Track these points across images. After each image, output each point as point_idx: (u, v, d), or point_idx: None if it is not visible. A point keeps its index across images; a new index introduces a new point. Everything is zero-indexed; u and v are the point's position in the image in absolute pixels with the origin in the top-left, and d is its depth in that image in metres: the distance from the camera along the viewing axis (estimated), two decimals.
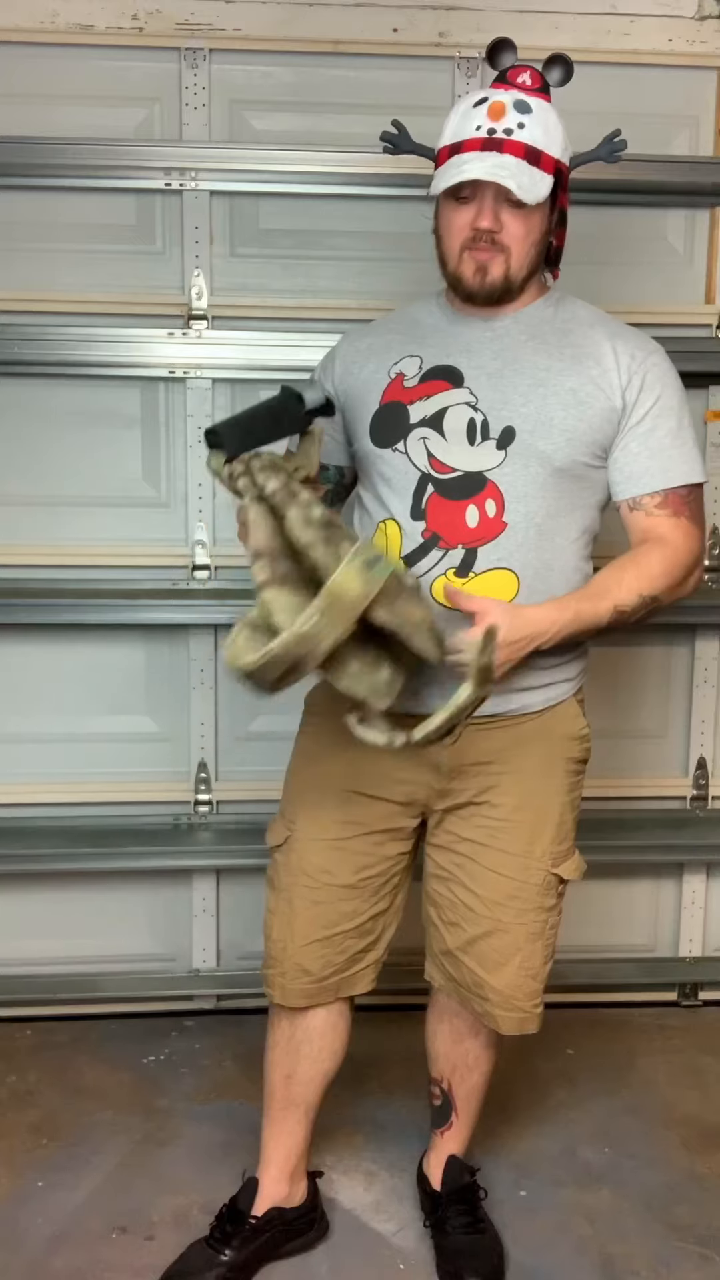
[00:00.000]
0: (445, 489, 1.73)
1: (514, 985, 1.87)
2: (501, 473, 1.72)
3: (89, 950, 2.74)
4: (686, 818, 2.82)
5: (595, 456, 1.76)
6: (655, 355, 1.80)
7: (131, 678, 2.69)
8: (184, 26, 2.50)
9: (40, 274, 2.54)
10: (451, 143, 1.72)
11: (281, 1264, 1.99)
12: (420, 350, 1.80)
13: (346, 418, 1.85)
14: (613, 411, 1.75)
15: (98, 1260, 1.99)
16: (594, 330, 1.80)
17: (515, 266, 1.73)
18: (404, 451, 1.76)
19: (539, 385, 1.74)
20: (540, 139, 1.70)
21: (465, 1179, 2.05)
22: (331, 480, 1.90)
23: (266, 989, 1.93)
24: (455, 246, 1.73)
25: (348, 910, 1.86)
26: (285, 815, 1.91)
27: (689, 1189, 2.20)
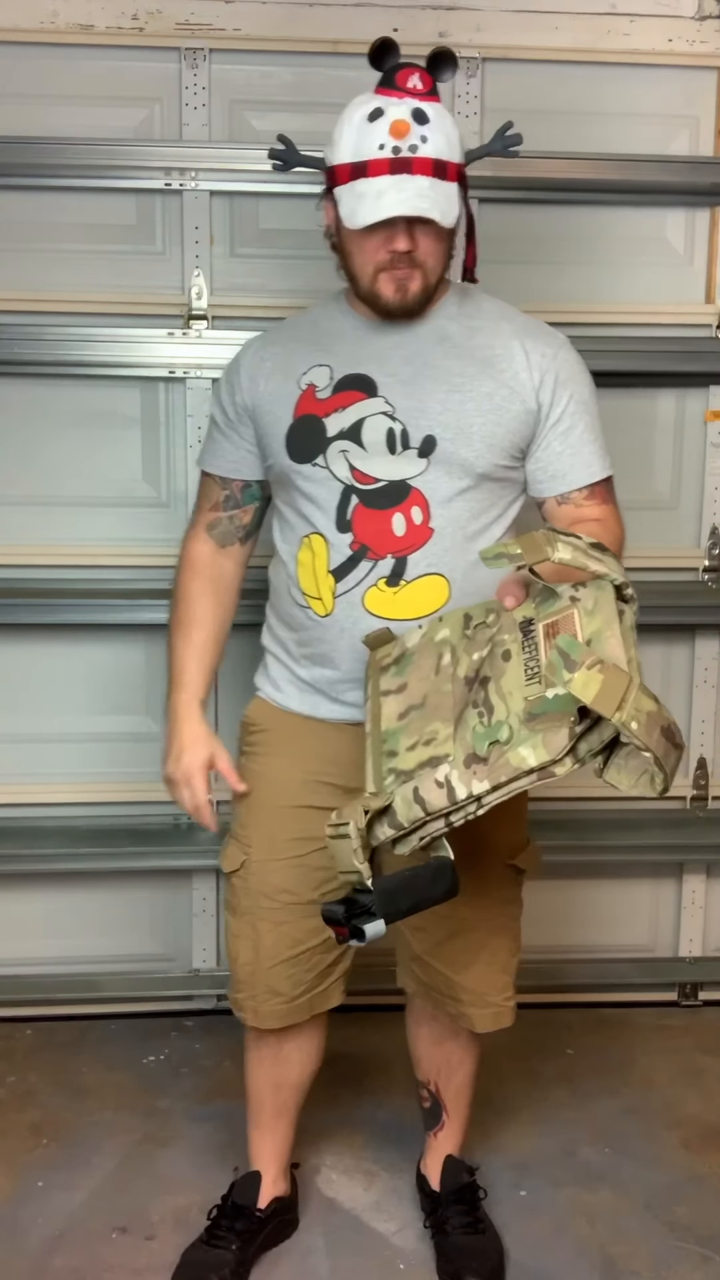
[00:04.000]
0: (370, 499, 1.73)
1: (484, 981, 1.87)
2: (424, 480, 1.72)
3: (89, 950, 2.74)
4: (686, 818, 2.81)
5: (513, 458, 1.77)
6: (564, 350, 1.80)
7: (131, 678, 2.68)
8: (184, 26, 2.50)
9: (40, 274, 2.54)
10: (353, 162, 1.66)
11: (282, 1264, 1.99)
12: (328, 359, 1.77)
13: (258, 431, 1.82)
14: (528, 413, 1.75)
15: (98, 1260, 1.99)
16: (501, 328, 1.79)
17: (431, 279, 1.72)
18: (324, 466, 1.74)
19: (455, 392, 1.73)
20: (444, 149, 1.66)
21: (464, 1179, 2.05)
22: (256, 497, 1.89)
23: (238, 1013, 1.92)
24: (369, 265, 1.70)
25: (312, 927, 1.82)
26: (239, 839, 1.89)
27: (689, 1189, 2.20)
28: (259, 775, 1.87)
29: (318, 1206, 2.13)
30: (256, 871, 1.85)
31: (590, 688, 1.32)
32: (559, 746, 1.38)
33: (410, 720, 1.55)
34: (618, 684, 1.33)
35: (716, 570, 2.73)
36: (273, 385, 1.80)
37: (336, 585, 1.74)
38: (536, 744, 1.38)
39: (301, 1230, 2.07)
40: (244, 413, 1.83)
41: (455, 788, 1.43)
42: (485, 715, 1.45)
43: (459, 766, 1.44)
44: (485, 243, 2.57)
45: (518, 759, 1.39)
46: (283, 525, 1.84)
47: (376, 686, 1.64)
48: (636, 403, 2.69)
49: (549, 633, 1.46)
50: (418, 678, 1.59)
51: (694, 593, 2.73)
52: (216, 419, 1.88)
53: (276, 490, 1.85)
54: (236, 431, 1.85)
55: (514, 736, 1.41)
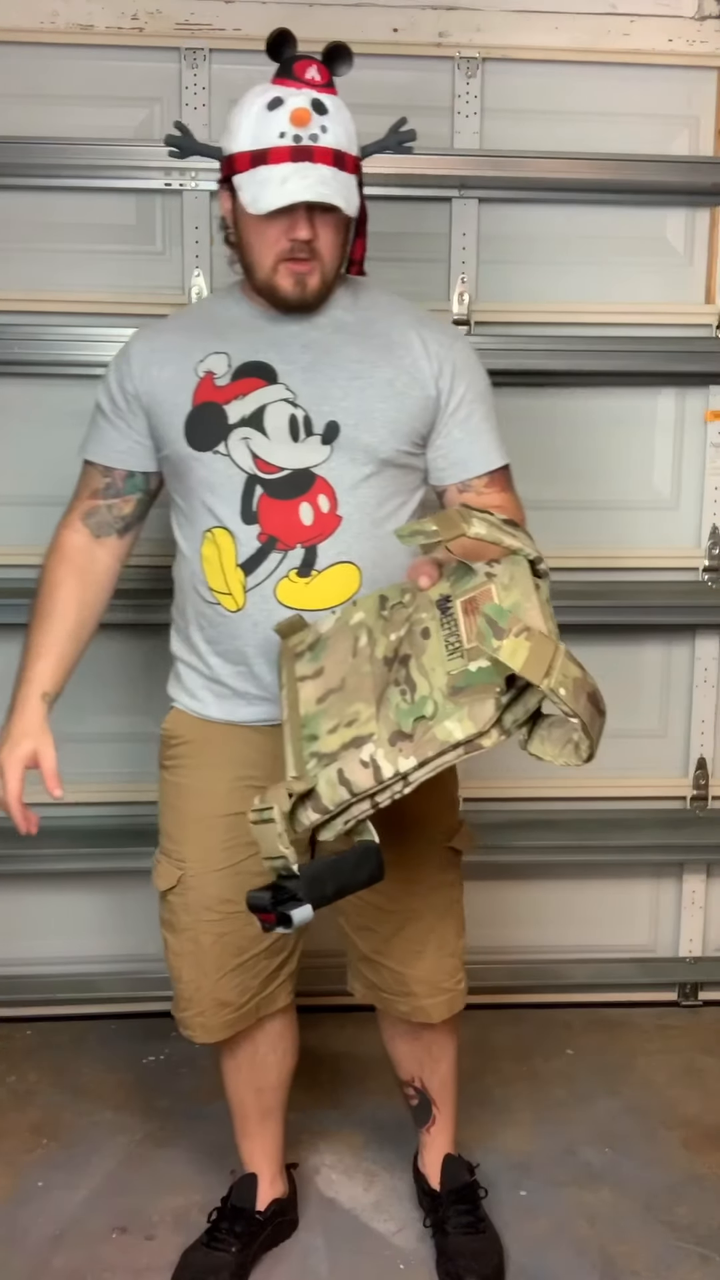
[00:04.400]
0: (274, 489, 1.71)
1: (435, 968, 1.87)
2: (329, 467, 1.71)
3: (89, 950, 2.74)
4: (686, 818, 2.81)
5: (414, 445, 1.77)
6: (460, 341, 1.82)
7: (131, 678, 2.68)
8: (184, 26, 2.50)
9: (40, 274, 2.54)
10: (253, 149, 1.66)
11: (282, 1264, 1.99)
12: (225, 347, 1.75)
13: (152, 421, 1.78)
14: (428, 400, 1.75)
15: (98, 1260, 1.99)
16: (397, 318, 1.79)
17: (328, 272, 1.71)
18: (226, 454, 1.72)
19: (356, 378, 1.72)
20: (343, 140, 1.67)
21: (465, 1177, 2.05)
22: (139, 489, 1.85)
23: (184, 1031, 1.90)
24: (268, 256, 1.69)
25: (255, 933, 1.78)
26: (170, 855, 1.86)
27: (689, 1189, 2.19)
28: (184, 788, 1.85)
29: (318, 1206, 2.13)
30: (194, 885, 1.83)
31: (519, 654, 1.35)
32: (485, 718, 1.39)
33: (330, 703, 1.53)
34: (545, 650, 1.36)
35: (716, 570, 2.73)
36: (167, 373, 1.76)
37: (246, 579, 1.72)
38: (462, 717, 1.40)
39: (301, 1230, 2.07)
40: (134, 401, 1.78)
41: (381, 766, 1.42)
42: (408, 692, 1.45)
43: (384, 745, 1.43)
44: (485, 243, 2.61)
45: (444, 733, 1.40)
46: (183, 521, 1.81)
47: (291, 673, 1.62)
48: (636, 403, 2.69)
49: (467, 609, 1.47)
50: (334, 661, 1.57)
51: (694, 593, 2.73)
52: (103, 407, 1.83)
53: (173, 484, 1.81)
54: (125, 420, 1.80)
55: (439, 711, 1.41)
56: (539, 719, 1.45)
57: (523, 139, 2.57)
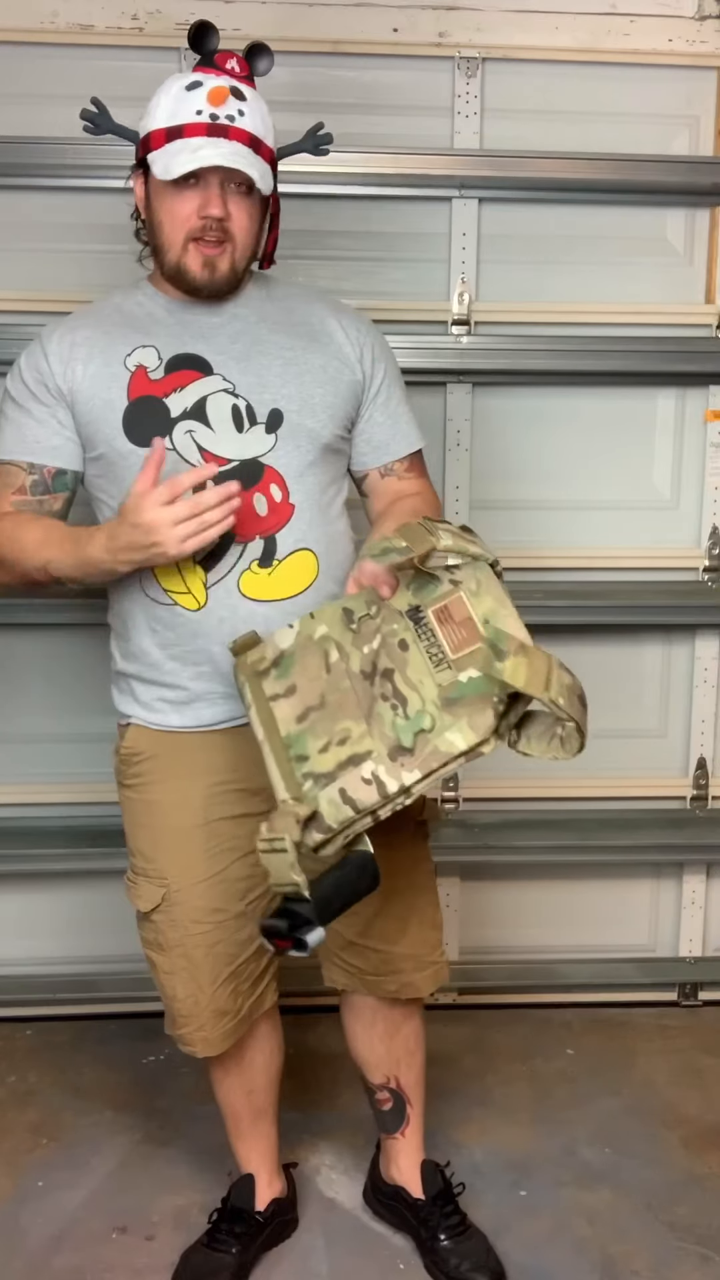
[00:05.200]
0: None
1: (420, 942, 1.87)
2: (275, 457, 1.70)
3: (89, 950, 2.74)
4: (686, 818, 2.81)
5: (345, 429, 1.79)
6: (373, 328, 1.85)
7: None
8: (184, 26, 2.47)
9: (40, 274, 2.54)
10: (168, 125, 1.66)
11: (282, 1264, 1.99)
12: (150, 340, 1.72)
13: (81, 419, 1.71)
14: (356, 384, 1.78)
15: (98, 1260, 1.99)
16: (313, 307, 1.81)
17: (239, 257, 1.70)
18: (171, 448, 1.67)
19: (291, 365, 1.73)
20: (259, 128, 1.68)
21: (440, 1182, 2.01)
22: (68, 487, 1.77)
23: (185, 1048, 1.87)
24: (179, 237, 1.67)
25: (244, 938, 1.81)
26: (149, 875, 1.81)
27: (689, 1189, 2.20)
28: (156, 804, 1.80)
29: (318, 1206, 2.13)
30: (181, 900, 1.79)
31: (520, 673, 1.40)
32: (486, 726, 1.44)
33: (313, 722, 1.53)
34: (540, 664, 1.41)
35: (716, 570, 2.73)
36: (92, 369, 1.71)
37: (207, 576, 1.69)
38: (463, 728, 1.44)
39: (301, 1230, 2.07)
40: (60, 397, 1.72)
41: (385, 782, 1.45)
42: (400, 707, 1.48)
43: (384, 761, 1.45)
44: (485, 243, 2.61)
45: (447, 745, 1.44)
46: None
47: (260, 692, 1.59)
48: (636, 403, 2.69)
49: (441, 618, 1.51)
50: (307, 678, 1.56)
51: (694, 593, 2.73)
52: (20, 402, 1.74)
53: (104, 485, 1.74)
54: (53, 416, 1.73)
55: (437, 723, 1.45)
56: (523, 718, 1.49)
57: (523, 139, 2.57)
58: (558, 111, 2.58)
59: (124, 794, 1.85)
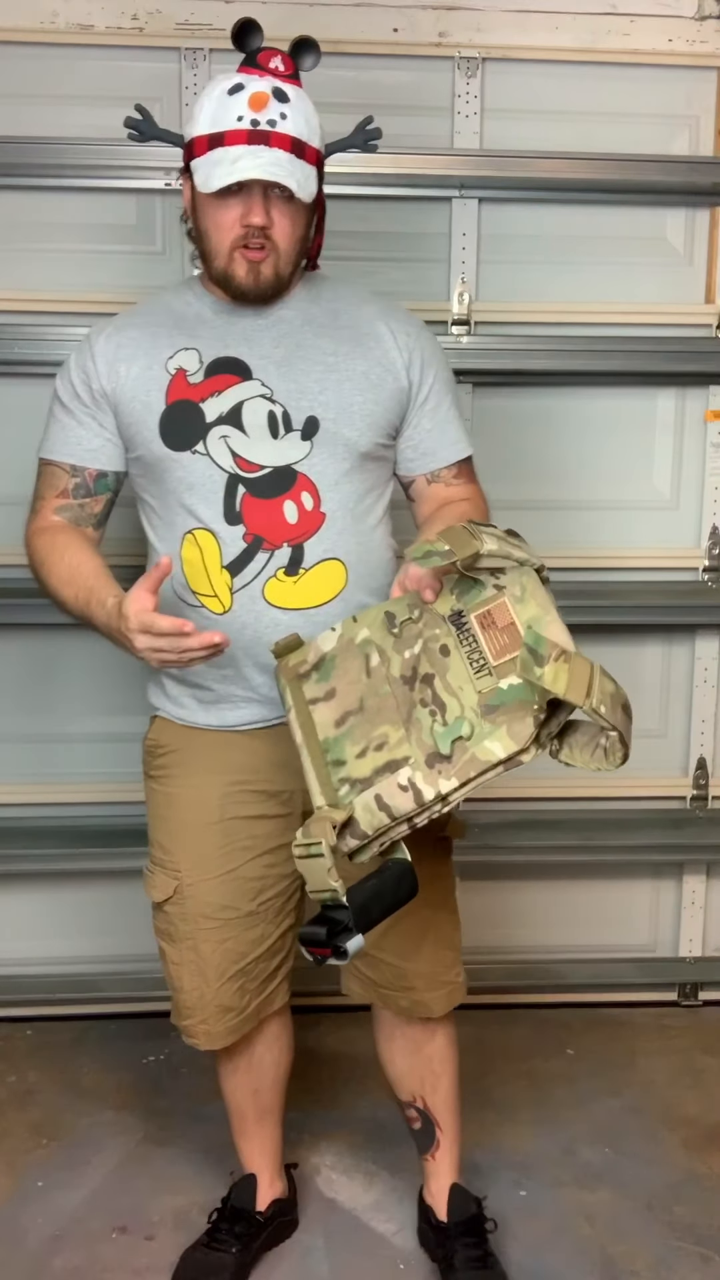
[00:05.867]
0: (257, 488, 1.68)
1: (434, 960, 1.84)
2: (310, 464, 1.69)
3: (89, 950, 2.74)
4: (686, 818, 2.81)
5: (388, 437, 1.76)
6: (425, 331, 1.81)
7: (132, 678, 2.68)
8: (184, 26, 2.50)
9: (40, 274, 2.54)
10: (210, 132, 1.64)
11: (282, 1264, 1.99)
12: (194, 343, 1.72)
13: (121, 420, 1.74)
14: (401, 391, 1.75)
15: (98, 1260, 1.99)
16: (363, 309, 1.79)
17: (284, 263, 1.69)
18: (205, 453, 1.68)
19: (331, 371, 1.71)
20: (303, 130, 1.65)
21: (472, 1209, 1.97)
22: (109, 488, 1.80)
23: (188, 1039, 1.87)
24: (224, 243, 1.67)
25: (254, 937, 1.81)
26: (164, 866, 1.82)
27: (689, 1189, 2.19)
28: (175, 798, 1.82)
29: (318, 1206, 2.13)
30: (192, 894, 1.80)
31: (560, 679, 1.36)
32: (526, 735, 1.40)
33: (352, 726, 1.52)
34: (582, 671, 1.37)
35: (716, 570, 2.73)
36: (135, 371, 1.72)
37: (233, 580, 1.69)
38: (502, 735, 1.40)
39: (301, 1230, 2.07)
40: (103, 399, 1.74)
41: (421, 789, 1.42)
42: (438, 713, 1.45)
43: (421, 768, 1.43)
44: (485, 243, 2.61)
45: (485, 753, 1.40)
46: (157, 521, 1.76)
47: (300, 695, 1.59)
48: (636, 403, 2.69)
49: (484, 623, 1.48)
50: (346, 682, 1.55)
51: (694, 593, 2.73)
52: (65, 403, 1.78)
53: (146, 485, 1.76)
54: (94, 418, 1.76)
55: (476, 731, 1.42)
56: (566, 727, 1.45)
57: (523, 139, 2.57)
58: (558, 111, 2.58)
59: (147, 784, 1.87)
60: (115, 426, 1.76)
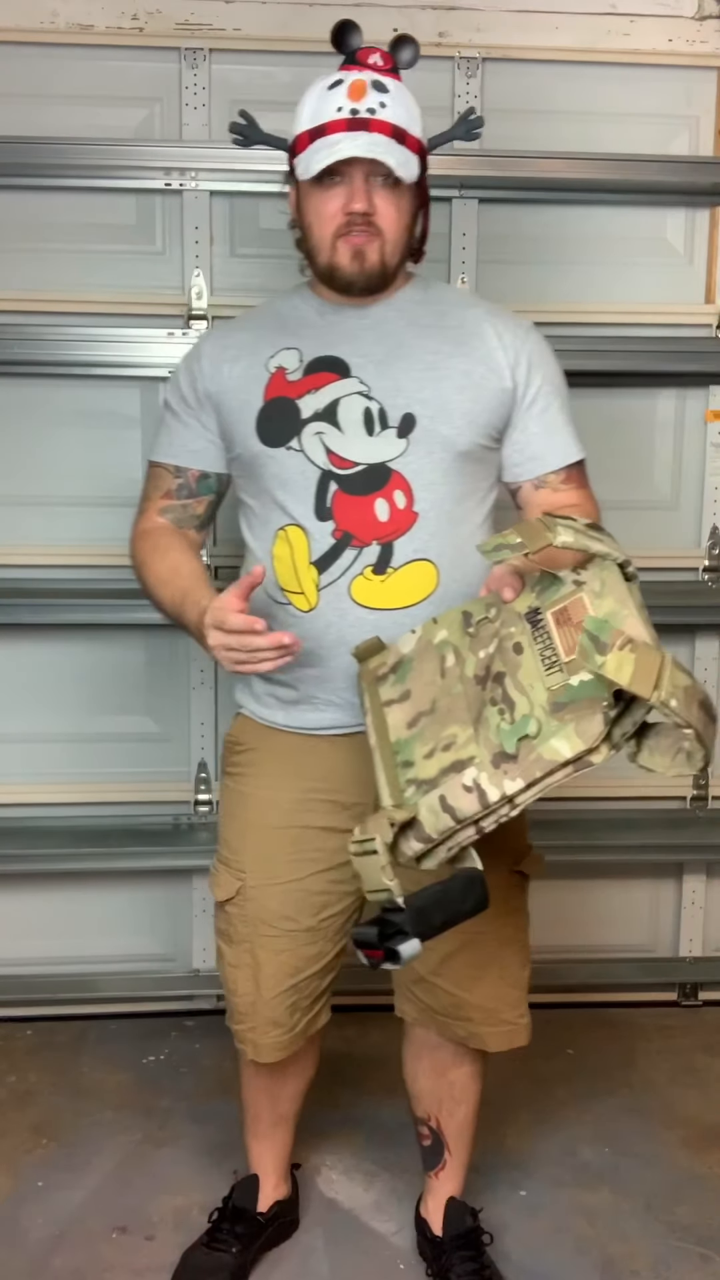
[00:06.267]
0: (349, 484, 1.66)
1: (495, 997, 1.80)
2: (405, 462, 1.66)
3: (89, 950, 2.74)
4: (686, 818, 2.82)
5: (491, 439, 1.73)
6: (534, 333, 1.78)
7: (131, 678, 2.69)
8: (184, 26, 2.50)
9: (40, 274, 2.54)
10: (311, 126, 1.65)
11: (282, 1264, 1.99)
12: (296, 343, 1.72)
13: (223, 419, 1.75)
14: (504, 392, 1.72)
15: (98, 1260, 1.99)
16: (469, 311, 1.77)
17: (390, 250, 1.67)
18: (299, 449, 1.68)
19: (431, 369, 1.68)
20: (403, 118, 1.65)
21: (468, 1222, 1.95)
22: (212, 490, 1.82)
23: (239, 1045, 1.85)
24: (328, 234, 1.66)
25: (312, 954, 1.78)
26: (230, 865, 1.81)
27: (689, 1189, 2.20)
28: (248, 797, 1.80)
29: (318, 1206, 2.13)
30: (254, 898, 1.78)
31: (625, 669, 1.28)
32: (594, 734, 1.31)
33: (422, 727, 1.47)
34: (651, 662, 1.28)
35: (716, 570, 2.73)
36: (238, 370, 1.74)
37: (320, 577, 1.67)
38: (569, 734, 1.32)
39: (301, 1230, 2.07)
40: (206, 400, 1.76)
41: (486, 790, 1.36)
42: (507, 711, 1.39)
43: (487, 768, 1.37)
44: (485, 243, 2.60)
45: (551, 752, 1.33)
46: (253, 520, 1.76)
47: (376, 697, 1.56)
48: (636, 403, 2.69)
49: (560, 620, 1.41)
50: (422, 683, 1.51)
51: (694, 593, 2.73)
52: (173, 407, 1.81)
53: (244, 483, 1.77)
54: (198, 420, 1.78)
55: (543, 729, 1.35)
56: (646, 729, 1.37)
57: (523, 139, 2.57)
58: (558, 111, 2.58)
59: (223, 780, 1.87)
60: (218, 428, 1.77)
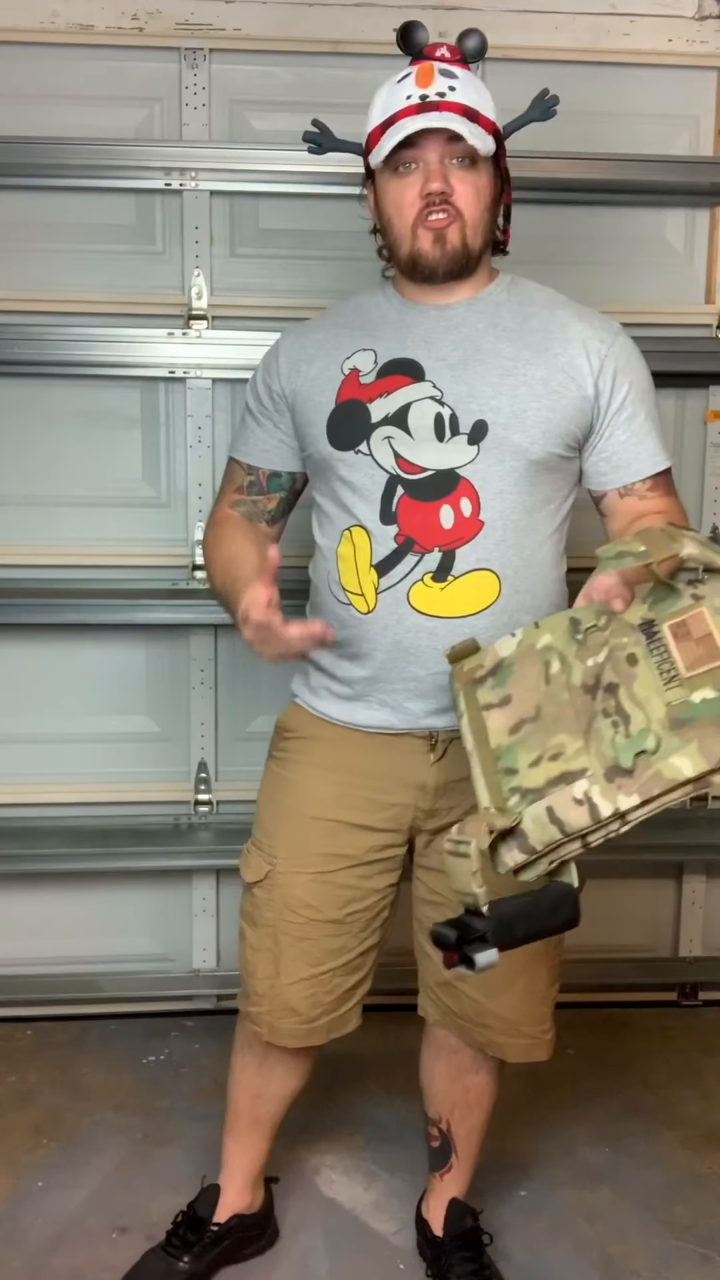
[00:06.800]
0: (416, 490, 1.65)
1: (519, 1010, 1.79)
2: (475, 469, 1.64)
3: (89, 950, 2.74)
4: (686, 818, 2.81)
5: (568, 448, 1.69)
6: (621, 337, 1.73)
7: (131, 678, 2.68)
8: (184, 26, 2.50)
9: (40, 274, 2.54)
10: (383, 119, 1.64)
11: (282, 1264, 1.99)
12: (373, 344, 1.71)
13: (297, 420, 1.75)
14: (585, 400, 1.68)
15: (98, 1260, 1.99)
16: (555, 313, 1.72)
17: (471, 232, 1.65)
18: (368, 453, 1.66)
19: (507, 375, 1.65)
20: (474, 100, 1.64)
21: (468, 1223, 1.95)
22: (283, 488, 1.83)
23: (253, 1026, 1.84)
24: (408, 222, 1.65)
25: (335, 947, 1.77)
26: (263, 848, 1.80)
27: (689, 1189, 2.20)
28: (290, 783, 1.80)
29: (318, 1206, 2.13)
30: (282, 884, 1.77)
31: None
32: (719, 754, 1.27)
33: (527, 734, 1.43)
34: None
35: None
36: (314, 370, 1.73)
37: (380, 580, 1.65)
38: (692, 752, 1.28)
39: (301, 1230, 2.07)
40: (281, 400, 1.76)
41: (598, 805, 1.32)
42: (621, 725, 1.33)
43: (599, 781, 1.32)
44: None
45: (671, 770, 1.28)
46: (322, 519, 1.76)
47: (474, 700, 1.51)
48: None
49: (677, 634, 1.36)
50: (524, 688, 1.46)
51: None
52: (250, 406, 1.82)
53: (315, 483, 1.77)
54: (271, 420, 1.79)
55: (662, 745, 1.30)
56: None
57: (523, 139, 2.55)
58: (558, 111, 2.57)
59: (268, 764, 1.87)
60: (292, 428, 1.77)
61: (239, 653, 2.65)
